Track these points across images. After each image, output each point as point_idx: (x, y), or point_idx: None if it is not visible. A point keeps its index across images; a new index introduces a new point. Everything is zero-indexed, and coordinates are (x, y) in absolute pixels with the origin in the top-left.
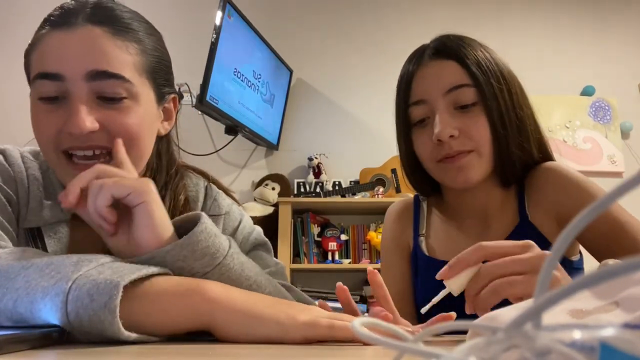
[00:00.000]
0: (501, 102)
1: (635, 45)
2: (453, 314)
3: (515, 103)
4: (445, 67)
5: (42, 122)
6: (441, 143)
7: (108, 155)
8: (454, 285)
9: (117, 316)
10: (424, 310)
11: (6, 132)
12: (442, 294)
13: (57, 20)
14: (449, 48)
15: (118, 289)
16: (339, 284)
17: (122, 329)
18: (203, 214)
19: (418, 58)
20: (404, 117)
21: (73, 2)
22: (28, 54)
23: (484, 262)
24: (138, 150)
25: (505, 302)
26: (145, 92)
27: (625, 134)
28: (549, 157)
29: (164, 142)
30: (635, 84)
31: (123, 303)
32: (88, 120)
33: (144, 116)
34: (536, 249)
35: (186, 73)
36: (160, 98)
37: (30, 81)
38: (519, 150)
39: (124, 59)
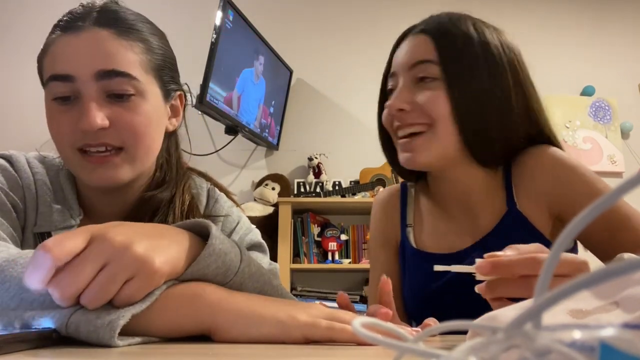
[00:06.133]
0: (473, 82)
1: (635, 45)
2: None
3: (497, 82)
4: (418, 41)
5: (57, 122)
6: (396, 115)
7: (120, 151)
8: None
9: (116, 335)
10: (438, 268)
11: (17, 136)
12: (467, 269)
13: (66, 25)
14: (431, 24)
15: (126, 314)
16: (341, 292)
17: (117, 341)
18: (213, 228)
19: (408, 31)
20: (383, 88)
21: (80, 7)
22: (41, 59)
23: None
24: (146, 145)
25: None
26: (152, 89)
27: (625, 134)
28: (547, 139)
29: (172, 140)
30: (635, 84)
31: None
32: (99, 117)
33: (152, 112)
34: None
35: (186, 73)
36: (167, 95)
37: (43, 84)
38: (501, 132)
39: (130, 57)
